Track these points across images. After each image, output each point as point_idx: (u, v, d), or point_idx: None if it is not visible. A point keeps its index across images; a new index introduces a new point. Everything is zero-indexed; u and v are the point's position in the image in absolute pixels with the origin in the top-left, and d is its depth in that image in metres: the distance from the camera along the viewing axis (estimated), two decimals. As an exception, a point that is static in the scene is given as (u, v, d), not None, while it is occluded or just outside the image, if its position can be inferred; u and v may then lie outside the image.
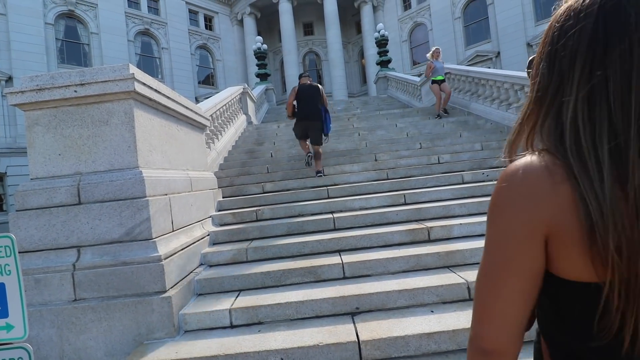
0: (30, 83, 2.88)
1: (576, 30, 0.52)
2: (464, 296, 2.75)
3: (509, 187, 0.55)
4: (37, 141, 2.94)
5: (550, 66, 0.56)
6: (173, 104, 3.73)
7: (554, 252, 0.53)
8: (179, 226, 3.42)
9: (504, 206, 0.55)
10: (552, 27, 0.57)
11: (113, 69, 2.92)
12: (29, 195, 2.84)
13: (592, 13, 0.50)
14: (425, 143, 6.94)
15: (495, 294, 0.55)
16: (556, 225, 0.51)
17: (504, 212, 0.55)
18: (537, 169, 0.53)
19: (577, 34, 0.52)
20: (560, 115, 0.54)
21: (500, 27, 20.41)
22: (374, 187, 5.17)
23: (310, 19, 27.12)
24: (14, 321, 1.58)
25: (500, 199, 0.56)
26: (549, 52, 0.57)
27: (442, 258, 3.22)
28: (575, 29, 0.52)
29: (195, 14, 24.58)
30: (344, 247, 3.66)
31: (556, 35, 0.55)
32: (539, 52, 0.60)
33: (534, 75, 0.60)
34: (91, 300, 2.67)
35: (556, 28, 0.56)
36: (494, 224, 0.56)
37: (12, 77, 16.05)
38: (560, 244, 0.52)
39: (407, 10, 25.31)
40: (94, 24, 19.41)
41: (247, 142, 8.62)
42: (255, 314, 2.76)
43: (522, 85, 6.84)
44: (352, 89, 27.41)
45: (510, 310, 0.55)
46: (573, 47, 0.52)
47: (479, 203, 4.20)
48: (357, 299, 2.76)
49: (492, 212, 0.57)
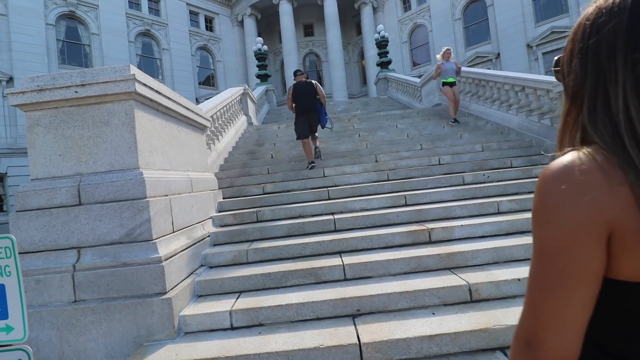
0: (31, 84, 2.88)
1: (611, 25, 0.54)
2: (466, 298, 2.74)
3: (567, 187, 0.52)
4: (37, 142, 2.93)
5: (583, 62, 0.58)
6: (174, 104, 3.73)
7: (616, 253, 0.51)
8: (179, 227, 3.41)
9: (563, 207, 0.52)
10: (582, 26, 0.59)
11: (114, 70, 2.92)
12: (30, 196, 2.83)
13: (625, 8, 0.53)
14: (426, 144, 6.94)
15: (567, 302, 0.52)
16: (619, 226, 0.50)
17: (564, 214, 0.52)
18: (593, 168, 0.52)
19: (613, 29, 0.54)
20: (609, 108, 0.55)
21: (500, 28, 20.45)
22: (375, 189, 5.17)
23: (310, 20, 27.16)
24: (13, 322, 1.57)
25: (557, 199, 0.53)
26: (581, 49, 0.58)
27: (443, 260, 3.21)
28: (610, 25, 0.54)
29: (195, 15, 24.62)
30: (345, 248, 3.65)
31: (588, 33, 0.57)
32: (568, 50, 0.62)
33: (566, 73, 0.62)
34: (91, 301, 2.66)
35: (587, 26, 0.57)
36: (551, 226, 0.53)
37: (13, 77, 16.07)
38: (624, 245, 0.51)
39: (407, 11, 25.35)
40: (94, 25, 19.44)
41: (248, 143, 8.62)
42: (256, 316, 2.75)
43: (523, 87, 6.84)
44: (352, 90, 27.43)
45: (582, 317, 0.53)
46: (610, 41, 0.54)
47: (479, 204, 4.20)
48: (358, 301, 2.75)
49: (545, 213, 0.54)
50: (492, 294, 2.76)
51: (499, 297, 2.75)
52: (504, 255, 3.23)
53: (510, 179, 5.07)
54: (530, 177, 5.07)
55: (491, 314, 2.49)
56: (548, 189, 0.54)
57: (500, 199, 4.26)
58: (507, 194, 4.60)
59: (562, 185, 0.53)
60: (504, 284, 2.77)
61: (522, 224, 3.70)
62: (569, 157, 0.55)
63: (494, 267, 3.10)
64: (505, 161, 5.76)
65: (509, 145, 6.51)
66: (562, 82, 0.65)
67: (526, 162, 5.72)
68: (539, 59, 19.29)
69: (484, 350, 2.29)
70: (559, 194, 0.53)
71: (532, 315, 0.55)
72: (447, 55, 8.23)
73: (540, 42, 19.07)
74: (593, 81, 0.56)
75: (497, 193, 4.63)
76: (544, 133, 6.31)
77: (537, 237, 0.56)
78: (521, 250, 3.24)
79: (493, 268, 3.09)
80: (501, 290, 2.76)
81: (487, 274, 2.96)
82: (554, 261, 0.53)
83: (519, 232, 3.67)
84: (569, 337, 0.52)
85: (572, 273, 0.52)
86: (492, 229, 3.69)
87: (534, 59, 19.43)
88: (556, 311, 0.52)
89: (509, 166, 5.67)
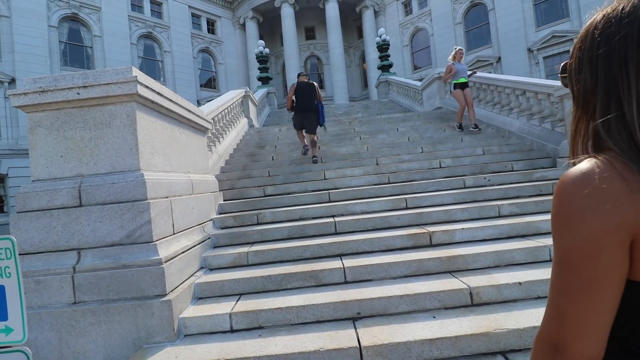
0: (33, 85, 2.89)
1: (622, 35, 0.55)
2: (466, 302, 2.73)
3: (588, 194, 0.53)
4: (39, 143, 2.94)
5: (594, 71, 0.59)
6: (175, 106, 3.74)
7: (638, 257, 0.53)
8: (179, 229, 3.41)
9: (585, 215, 0.53)
10: (590, 34, 0.60)
11: (116, 72, 2.93)
12: (30, 197, 2.84)
13: (636, 19, 0.54)
14: (427, 147, 6.94)
15: (593, 307, 0.53)
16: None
17: (587, 221, 0.53)
18: (612, 175, 0.53)
19: (624, 38, 0.55)
20: (623, 116, 0.56)
21: (501, 32, 20.50)
22: (375, 191, 5.16)
23: (312, 23, 27.27)
24: (13, 324, 1.56)
25: (579, 207, 0.54)
26: (590, 57, 0.59)
27: (444, 263, 3.20)
28: (620, 35, 0.55)
29: (198, 17, 24.74)
30: (345, 251, 3.64)
31: (597, 42, 0.58)
32: (575, 58, 0.63)
33: (575, 81, 0.63)
34: (91, 303, 2.66)
35: (596, 35, 0.58)
36: (574, 234, 0.54)
37: (15, 79, 16.13)
38: None
39: (408, 15, 25.45)
40: (97, 27, 19.53)
41: (249, 145, 8.63)
42: (256, 319, 2.74)
43: (524, 91, 6.85)
44: (353, 92, 27.49)
45: (607, 320, 0.54)
46: (621, 51, 0.55)
47: (480, 208, 4.19)
48: (359, 304, 2.74)
49: (568, 221, 0.55)
50: (493, 297, 2.74)
51: (500, 301, 2.74)
52: (504, 259, 3.22)
53: (511, 183, 5.06)
54: (531, 181, 5.07)
55: (492, 318, 2.48)
56: (568, 197, 0.55)
57: (501, 203, 4.26)
58: (508, 198, 4.59)
59: (582, 192, 0.53)
60: (505, 288, 2.76)
61: (523, 227, 3.69)
62: (587, 164, 0.55)
63: (495, 271, 3.09)
64: (506, 165, 5.75)
65: (510, 149, 6.50)
66: (570, 88, 0.66)
67: (527, 166, 5.71)
68: (539, 63, 19.32)
69: (485, 355, 2.28)
70: (580, 201, 0.53)
71: (557, 320, 0.56)
72: (459, 55, 7.89)
73: (541, 46, 19.11)
74: (604, 89, 0.57)
75: (498, 196, 4.63)
76: (545, 137, 6.31)
77: (559, 244, 0.56)
78: (522, 254, 3.23)
79: (494, 272, 3.08)
80: (502, 294, 2.75)
81: (488, 277, 2.95)
82: (579, 268, 0.54)
83: (519, 235, 3.66)
84: (595, 340, 0.54)
85: (597, 279, 0.53)
86: (493, 232, 3.68)
87: (534, 63, 19.46)
88: (582, 316, 0.54)
89: (509, 170, 5.67)
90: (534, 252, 3.23)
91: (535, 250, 3.23)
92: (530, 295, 2.75)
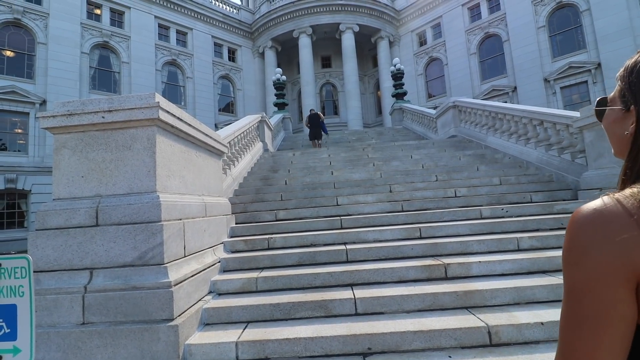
0: (61, 108, 3.03)
1: None
2: (484, 341, 2.58)
3: (594, 231, 0.54)
4: (62, 163, 3.04)
5: None
6: (194, 131, 3.84)
7: None
8: (190, 252, 3.40)
9: (589, 250, 0.54)
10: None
11: (140, 97, 3.05)
12: (50, 215, 2.91)
13: None
14: (442, 175, 6.86)
15: (594, 344, 0.53)
16: None
17: (591, 257, 0.54)
18: (620, 213, 0.53)
19: None
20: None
21: (517, 63, 20.66)
22: (389, 219, 5.08)
23: (328, 52, 28.19)
24: (21, 344, 1.55)
25: (584, 242, 0.55)
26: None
27: (460, 298, 3.07)
28: None
29: (219, 46, 25.95)
30: (357, 280, 3.54)
31: None
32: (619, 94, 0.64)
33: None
34: (99, 324, 2.64)
35: None
36: (578, 268, 0.55)
37: (47, 100, 17.09)
38: None
39: (422, 45, 26.04)
40: (125, 54, 20.72)
41: (263, 169, 8.73)
42: (263, 349, 2.65)
43: (541, 121, 6.77)
44: (367, 119, 27.84)
45: None
46: None
47: (498, 240, 4.05)
48: (370, 339, 2.63)
49: (574, 255, 0.56)
50: (513, 338, 2.59)
51: (520, 342, 2.57)
52: (525, 296, 3.06)
53: (531, 215, 4.90)
54: (552, 214, 4.90)
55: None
56: (576, 232, 0.56)
57: (520, 235, 4.10)
58: (527, 230, 4.43)
59: (589, 228, 0.55)
60: (526, 328, 2.61)
61: (544, 262, 3.53)
62: (599, 201, 0.56)
63: (515, 309, 2.93)
64: (524, 196, 5.60)
65: (528, 180, 6.35)
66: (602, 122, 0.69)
67: (546, 198, 5.55)
68: (557, 93, 19.22)
69: (506, 402, 2.12)
70: (586, 237, 0.55)
71: (563, 355, 0.56)
72: None
73: (558, 76, 19.08)
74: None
75: (517, 229, 4.47)
76: (565, 168, 6.16)
77: (565, 277, 0.57)
78: (544, 291, 3.07)
79: (514, 309, 2.92)
80: (523, 335, 2.59)
81: (507, 315, 2.79)
82: (580, 302, 0.54)
83: (541, 271, 3.50)
84: None
85: (597, 315, 0.53)
86: (512, 266, 3.53)
87: (552, 92, 19.38)
88: (585, 353, 0.53)
89: (528, 201, 5.51)
90: (556, 290, 3.06)
91: (558, 288, 3.06)
92: (554, 337, 2.58)
